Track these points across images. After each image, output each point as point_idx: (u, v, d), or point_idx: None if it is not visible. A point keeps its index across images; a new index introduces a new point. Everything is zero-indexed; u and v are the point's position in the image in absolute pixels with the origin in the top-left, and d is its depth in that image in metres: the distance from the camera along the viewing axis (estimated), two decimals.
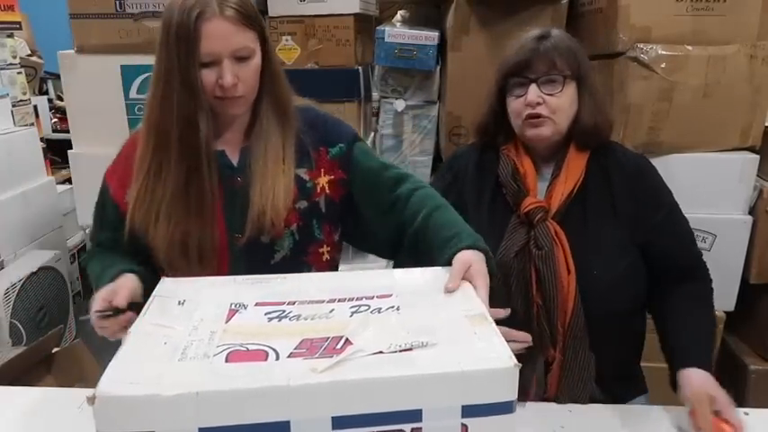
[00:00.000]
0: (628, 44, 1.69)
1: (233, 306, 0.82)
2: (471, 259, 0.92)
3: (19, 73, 2.32)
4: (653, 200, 1.18)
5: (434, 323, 0.76)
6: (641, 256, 1.16)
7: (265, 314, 0.80)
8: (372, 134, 2.28)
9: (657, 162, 1.73)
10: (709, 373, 1.06)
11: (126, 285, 1.01)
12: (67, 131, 2.14)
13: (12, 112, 2.24)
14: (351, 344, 0.70)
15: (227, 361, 0.68)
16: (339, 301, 0.84)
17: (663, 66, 1.67)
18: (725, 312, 1.86)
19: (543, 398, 1.16)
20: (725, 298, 1.84)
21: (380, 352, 0.68)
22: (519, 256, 1.13)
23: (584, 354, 1.12)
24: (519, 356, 1.06)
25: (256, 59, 1.05)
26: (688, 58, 1.67)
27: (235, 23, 1.00)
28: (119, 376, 0.65)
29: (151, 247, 1.09)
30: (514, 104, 1.17)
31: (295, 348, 0.70)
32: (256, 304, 0.83)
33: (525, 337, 1.07)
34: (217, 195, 1.07)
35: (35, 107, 2.46)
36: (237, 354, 0.69)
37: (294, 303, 0.84)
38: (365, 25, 2.17)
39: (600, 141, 1.19)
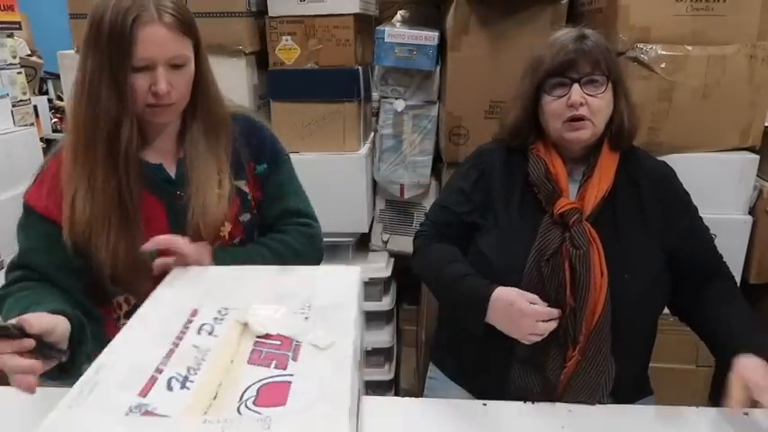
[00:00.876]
0: (627, 44, 1.68)
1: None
2: None
3: (19, 73, 2.32)
4: (680, 204, 1.19)
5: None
6: (668, 261, 1.16)
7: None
8: (372, 134, 2.28)
9: None
10: (763, 359, 1.00)
11: (53, 320, 0.85)
12: None
13: (12, 112, 2.24)
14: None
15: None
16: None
17: (662, 66, 1.67)
18: None
19: (548, 398, 1.16)
20: None
21: None
22: (553, 257, 1.11)
23: (604, 358, 1.11)
24: (538, 352, 1.11)
25: (190, 68, 1.03)
26: (688, 58, 1.67)
27: (172, 30, 0.98)
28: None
29: (95, 264, 1.04)
30: (554, 105, 1.15)
31: None
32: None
33: (552, 313, 1.07)
34: (138, 206, 1.03)
35: (35, 107, 2.46)
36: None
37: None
38: (365, 25, 2.17)
39: (629, 144, 1.19)
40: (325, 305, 0.87)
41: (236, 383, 0.69)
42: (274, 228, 1.19)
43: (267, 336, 0.79)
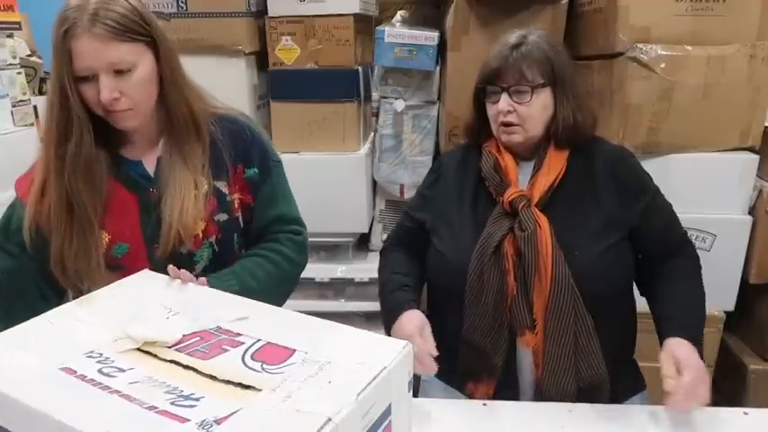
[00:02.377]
0: (627, 44, 1.69)
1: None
2: None
3: (19, 73, 2.31)
4: (637, 185, 1.21)
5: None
6: (627, 239, 1.18)
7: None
8: (372, 134, 2.28)
9: (657, 162, 1.75)
10: (691, 342, 1.07)
11: None
12: None
13: (11, 112, 2.23)
14: None
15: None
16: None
17: (662, 66, 1.67)
18: (724, 312, 1.86)
19: (534, 393, 1.17)
20: (724, 298, 1.84)
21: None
22: (497, 247, 1.15)
23: (567, 338, 1.12)
24: (480, 337, 1.15)
25: (140, 71, 1.01)
26: (687, 58, 1.67)
27: (106, 40, 0.97)
28: None
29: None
30: (490, 110, 1.22)
31: None
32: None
33: (431, 369, 1.09)
34: (96, 210, 1.06)
35: (35, 107, 2.45)
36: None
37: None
38: (365, 25, 2.18)
39: (580, 139, 1.21)
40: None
41: (220, 371, 0.67)
42: (265, 233, 1.20)
43: (180, 341, 0.74)
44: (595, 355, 1.13)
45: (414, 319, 1.16)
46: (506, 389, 1.18)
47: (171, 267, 0.92)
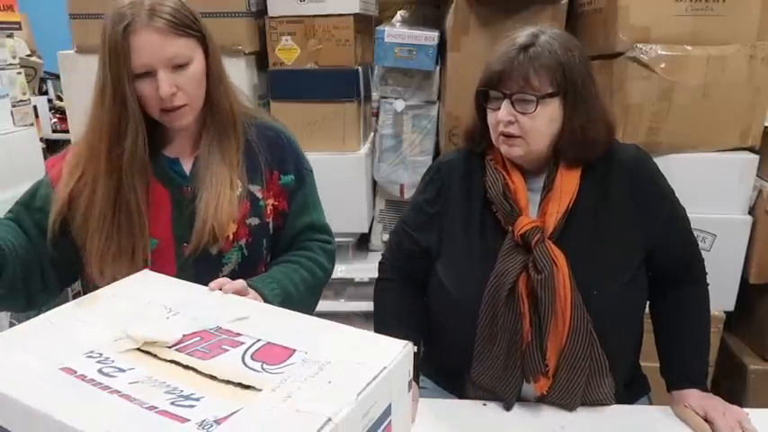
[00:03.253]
0: (627, 44, 1.68)
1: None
2: None
3: (18, 73, 2.31)
4: (657, 192, 1.13)
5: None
6: (645, 259, 1.12)
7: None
8: (372, 134, 2.28)
9: (657, 162, 1.72)
10: (702, 389, 1.09)
11: None
12: (67, 132, 2.15)
13: (11, 112, 2.23)
14: None
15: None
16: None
17: (662, 66, 1.67)
18: (724, 312, 1.86)
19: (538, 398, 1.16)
20: (724, 298, 1.84)
21: None
22: (512, 287, 1.06)
23: (580, 380, 1.07)
24: (494, 382, 1.10)
25: (196, 66, 1.03)
26: (687, 58, 1.67)
27: (165, 33, 0.98)
28: None
29: (85, 254, 1.07)
30: (490, 117, 1.11)
31: None
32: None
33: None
34: (144, 210, 1.06)
35: (35, 107, 2.45)
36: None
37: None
38: (365, 25, 2.18)
39: (592, 156, 1.10)
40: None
41: (218, 371, 0.67)
42: (296, 240, 1.21)
43: (180, 341, 0.73)
44: (607, 391, 1.11)
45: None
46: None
47: (212, 283, 0.92)
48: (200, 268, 1.08)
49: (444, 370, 1.24)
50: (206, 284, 0.91)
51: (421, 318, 1.23)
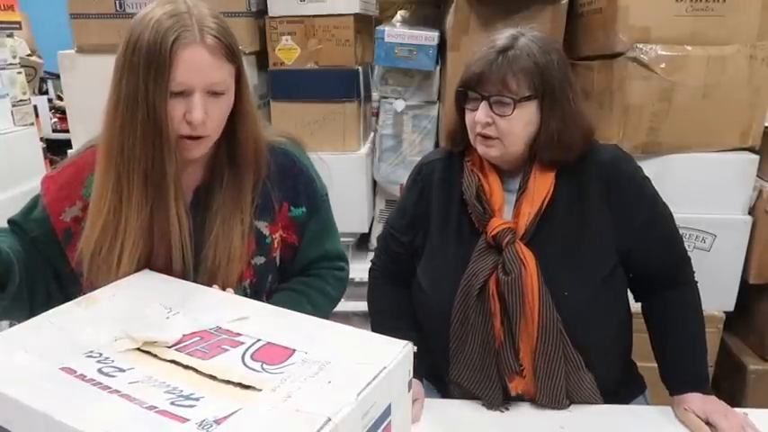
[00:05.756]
0: (627, 44, 1.68)
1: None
2: None
3: (19, 73, 2.31)
4: (634, 196, 1.11)
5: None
6: (620, 264, 1.11)
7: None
8: (372, 134, 2.28)
9: (657, 162, 1.75)
10: (704, 392, 1.08)
11: None
12: (67, 131, 2.14)
13: (12, 111, 2.24)
14: None
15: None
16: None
17: (662, 66, 1.67)
18: (724, 312, 1.86)
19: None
20: (724, 298, 1.83)
21: None
22: (482, 287, 1.08)
23: (558, 380, 1.07)
24: (473, 384, 1.10)
25: (230, 97, 0.95)
26: (687, 58, 1.67)
27: (215, 54, 0.90)
28: None
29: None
30: (468, 118, 1.11)
31: None
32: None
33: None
34: (185, 226, 0.97)
35: (35, 107, 2.45)
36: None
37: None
38: (365, 25, 2.18)
39: (567, 159, 1.10)
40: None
41: (219, 371, 0.67)
42: (308, 268, 1.15)
43: (180, 341, 0.73)
44: (589, 386, 1.10)
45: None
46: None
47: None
48: None
49: (430, 373, 1.24)
50: None
51: (411, 312, 1.23)
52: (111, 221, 0.95)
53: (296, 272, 1.15)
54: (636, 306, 1.22)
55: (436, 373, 1.22)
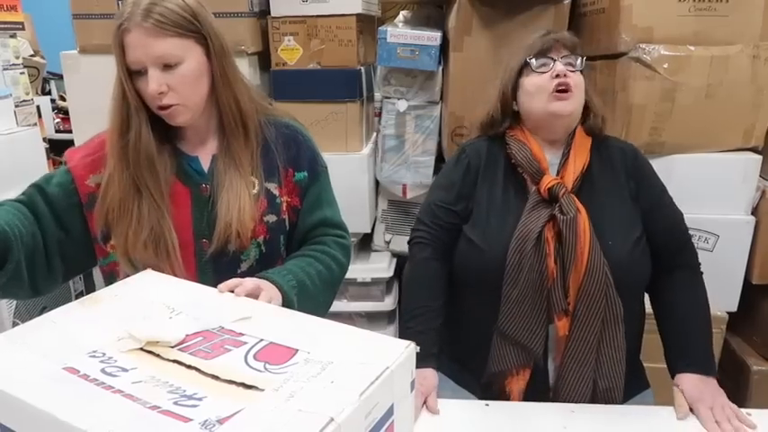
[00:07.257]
0: (630, 44, 1.68)
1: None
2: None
3: (22, 73, 2.32)
4: (650, 180, 1.26)
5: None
6: (644, 230, 1.21)
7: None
8: (374, 134, 2.28)
9: (660, 162, 1.75)
10: (701, 371, 1.13)
11: None
12: (70, 132, 2.14)
13: (14, 112, 2.24)
14: None
15: None
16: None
17: (665, 66, 1.67)
18: (727, 313, 1.86)
19: (545, 394, 1.18)
20: (727, 298, 1.83)
21: None
22: (539, 233, 1.16)
23: (595, 326, 1.14)
24: (515, 334, 1.16)
25: (188, 65, 1.04)
26: (690, 58, 1.67)
27: (154, 33, 1.01)
28: None
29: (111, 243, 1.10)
30: (538, 79, 1.22)
31: None
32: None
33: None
34: (162, 204, 1.08)
35: (38, 107, 2.46)
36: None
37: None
38: (367, 25, 2.18)
39: (600, 131, 1.27)
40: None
41: (221, 370, 0.67)
42: (310, 236, 1.22)
43: (183, 341, 0.74)
44: (619, 348, 1.15)
45: (425, 378, 1.15)
46: (538, 382, 1.18)
47: (222, 285, 0.93)
48: (219, 265, 1.10)
49: (461, 359, 1.28)
50: (225, 281, 0.92)
51: (446, 293, 1.28)
52: (107, 187, 1.08)
53: (299, 238, 1.21)
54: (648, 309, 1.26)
55: (463, 358, 1.26)
